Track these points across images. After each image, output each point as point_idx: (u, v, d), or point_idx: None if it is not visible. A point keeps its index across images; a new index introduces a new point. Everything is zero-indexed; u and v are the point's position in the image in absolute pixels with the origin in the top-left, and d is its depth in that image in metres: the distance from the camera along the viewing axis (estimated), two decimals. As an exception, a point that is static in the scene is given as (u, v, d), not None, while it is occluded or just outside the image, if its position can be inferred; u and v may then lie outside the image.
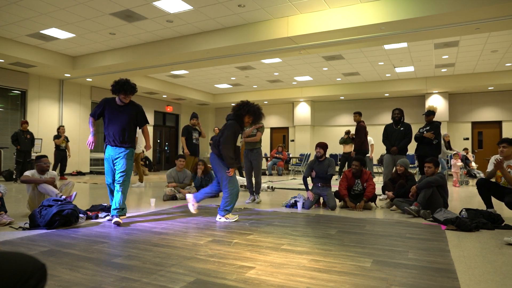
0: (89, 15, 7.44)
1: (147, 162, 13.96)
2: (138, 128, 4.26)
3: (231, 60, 9.51)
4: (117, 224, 3.83)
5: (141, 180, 8.37)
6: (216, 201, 6.03)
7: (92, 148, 4.10)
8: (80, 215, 3.94)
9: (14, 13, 7.27)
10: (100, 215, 4.31)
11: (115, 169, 4.04)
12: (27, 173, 4.47)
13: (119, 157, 4.01)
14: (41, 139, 10.62)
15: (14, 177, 9.31)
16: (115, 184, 4.01)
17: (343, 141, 10.33)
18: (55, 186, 4.49)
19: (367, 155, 8.65)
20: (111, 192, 4.17)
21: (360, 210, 5.03)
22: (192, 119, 7.19)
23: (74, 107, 12.17)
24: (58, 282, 2.13)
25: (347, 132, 10.29)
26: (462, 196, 6.84)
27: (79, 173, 11.98)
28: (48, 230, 3.53)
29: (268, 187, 7.65)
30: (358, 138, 7.60)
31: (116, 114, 4.06)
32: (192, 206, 4.29)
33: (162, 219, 4.26)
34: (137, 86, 4.27)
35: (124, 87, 4.00)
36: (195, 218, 4.33)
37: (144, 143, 7.89)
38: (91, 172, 12.66)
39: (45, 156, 4.59)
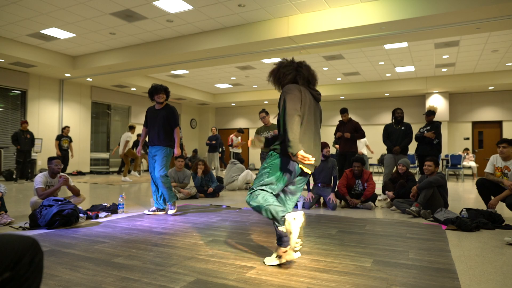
0: (89, 15, 7.44)
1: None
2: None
3: (231, 60, 9.50)
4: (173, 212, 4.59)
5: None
6: (215, 201, 6.02)
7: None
8: (80, 215, 3.94)
9: (14, 13, 7.26)
10: (100, 215, 4.31)
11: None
12: (39, 178, 4.30)
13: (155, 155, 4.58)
14: (41, 139, 10.62)
15: (14, 177, 9.31)
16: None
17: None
18: (71, 188, 4.43)
19: (365, 154, 8.91)
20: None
21: (359, 204, 5.20)
22: None
23: (74, 107, 12.16)
24: (58, 282, 2.13)
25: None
26: (463, 196, 6.83)
27: (79, 173, 11.98)
28: (48, 230, 3.54)
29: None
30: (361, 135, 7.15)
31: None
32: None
33: (162, 219, 4.26)
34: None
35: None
36: (195, 218, 4.33)
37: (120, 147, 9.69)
38: (91, 172, 12.66)
39: (57, 158, 4.46)
